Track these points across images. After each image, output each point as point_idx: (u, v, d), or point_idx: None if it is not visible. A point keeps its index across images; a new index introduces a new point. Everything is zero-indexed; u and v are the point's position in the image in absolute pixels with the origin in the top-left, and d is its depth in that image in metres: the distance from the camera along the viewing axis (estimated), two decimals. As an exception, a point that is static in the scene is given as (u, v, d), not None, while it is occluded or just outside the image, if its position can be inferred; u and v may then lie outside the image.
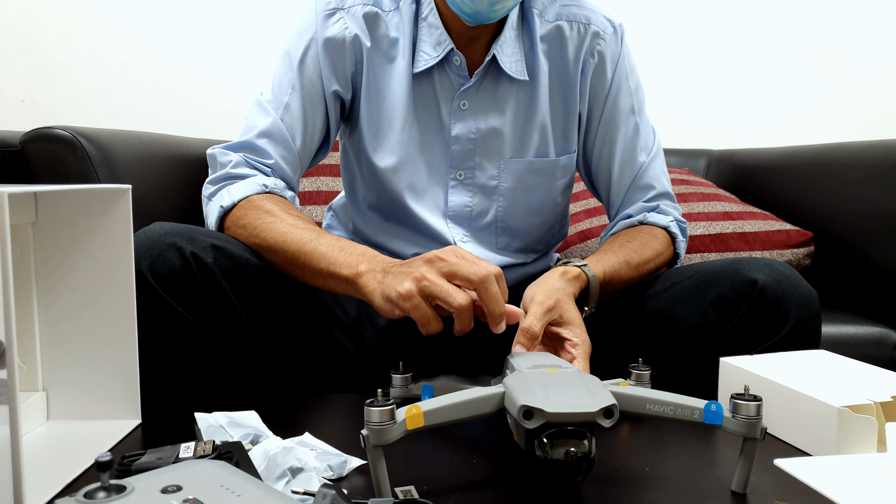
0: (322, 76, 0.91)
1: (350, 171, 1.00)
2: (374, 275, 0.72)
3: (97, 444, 0.61)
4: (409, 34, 0.92)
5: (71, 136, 1.03)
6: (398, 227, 0.97)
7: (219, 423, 0.64)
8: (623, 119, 0.97)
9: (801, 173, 1.42)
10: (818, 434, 0.58)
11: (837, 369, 0.67)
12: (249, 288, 0.78)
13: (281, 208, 0.83)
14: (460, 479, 0.55)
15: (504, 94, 0.93)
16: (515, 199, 0.96)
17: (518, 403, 0.49)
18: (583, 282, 0.80)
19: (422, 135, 0.94)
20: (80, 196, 0.61)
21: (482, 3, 0.82)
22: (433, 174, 0.95)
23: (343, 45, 0.91)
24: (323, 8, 0.92)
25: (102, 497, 0.41)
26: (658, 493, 0.53)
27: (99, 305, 0.64)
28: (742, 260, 0.83)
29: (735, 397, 0.52)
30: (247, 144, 0.89)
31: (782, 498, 0.51)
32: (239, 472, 0.46)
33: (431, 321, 0.67)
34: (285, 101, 0.91)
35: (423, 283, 0.66)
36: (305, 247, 0.78)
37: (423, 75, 0.92)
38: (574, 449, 0.49)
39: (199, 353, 0.75)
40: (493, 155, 0.94)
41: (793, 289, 0.78)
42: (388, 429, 0.49)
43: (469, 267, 0.66)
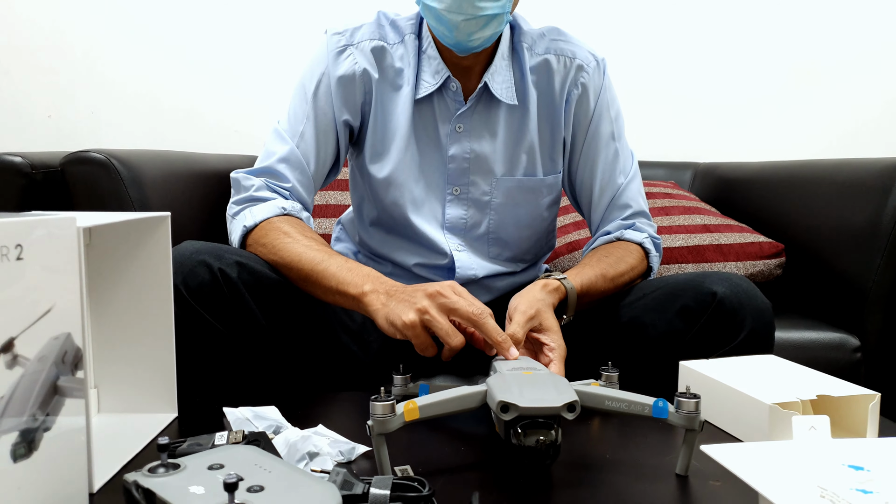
0: (334, 107, 1.02)
1: (358, 191, 1.11)
2: (377, 296, 0.83)
3: (141, 433, 0.71)
4: (412, 64, 1.02)
5: (105, 158, 1.13)
6: (400, 240, 1.07)
7: (245, 416, 0.74)
8: (604, 145, 1.07)
9: (776, 188, 1.52)
10: (753, 426, 0.68)
11: (779, 372, 0.77)
12: (268, 299, 0.89)
13: (297, 230, 0.94)
14: (449, 463, 0.66)
15: (496, 118, 1.03)
16: (506, 213, 1.06)
17: (497, 399, 0.60)
18: (562, 293, 0.90)
19: (421, 154, 1.04)
20: (128, 222, 0.72)
21: (461, 34, 0.92)
22: (431, 189, 1.05)
23: (353, 80, 1.02)
24: (334, 45, 1.02)
25: (162, 472, 0.51)
26: (614, 475, 0.64)
27: (142, 315, 0.75)
28: (705, 274, 0.94)
29: (678, 395, 0.62)
30: (267, 170, 1.00)
31: (716, 479, 0.62)
32: (268, 454, 0.56)
33: (429, 348, 0.78)
34: (300, 129, 1.01)
35: (425, 316, 0.77)
36: (318, 266, 0.89)
37: (424, 101, 1.02)
38: (543, 437, 0.60)
39: (226, 356, 0.86)
40: (486, 173, 1.04)
41: (749, 300, 0.88)
42: (389, 420, 0.60)
43: (468, 307, 0.77)
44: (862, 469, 0.47)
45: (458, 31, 0.92)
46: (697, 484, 0.62)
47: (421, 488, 0.54)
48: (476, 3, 0.89)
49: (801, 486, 0.45)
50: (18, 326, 0.48)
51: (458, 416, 0.66)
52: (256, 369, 0.89)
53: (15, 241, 0.48)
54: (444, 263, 1.05)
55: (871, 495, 0.43)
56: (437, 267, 1.06)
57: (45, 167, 1.15)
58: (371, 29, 1.03)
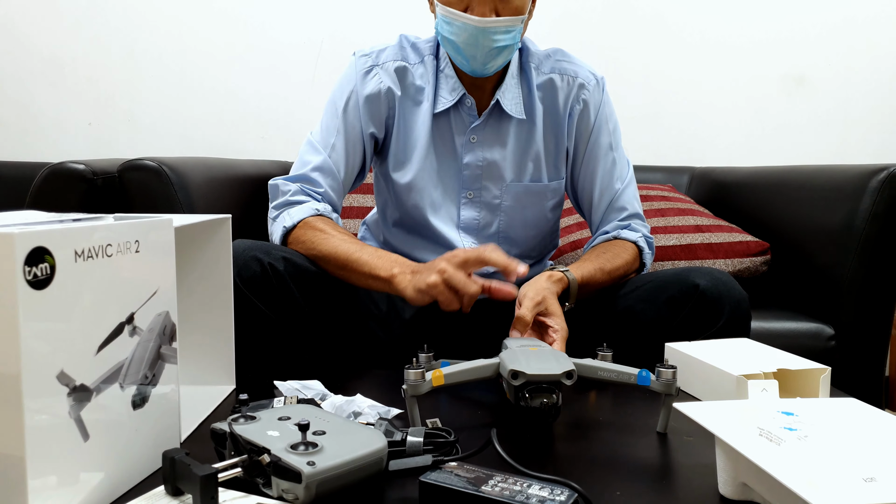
0: (361, 122, 1.15)
1: (382, 195, 1.24)
2: (404, 275, 0.96)
3: (208, 401, 0.85)
4: (431, 82, 1.15)
5: (157, 165, 1.27)
6: (420, 239, 1.21)
7: (294, 387, 0.88)
8: (603, 154, 1.20)
9: (763, 191, 1.64)
10: (723, 394, 0.81)
11: (750, 351, 0.90)
12: (309, 288, 1.02)
13: (331, 227, 1.07)
14: (468, 422, 0.79)
15: (506, 130, 1.17)
16: (514, 214, 1.19)
17: (508, 368, 0.73)
18: (564, 283, 1.03)
19: (439, 162, 1.17)
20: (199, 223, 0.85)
21: (476, 63, 1.07)
22: (448, 193, 1.18)
23: (379, 97, 1.15)
24: (362, 66, 1.16)
25: (243, 422, 0.65)
26: (606, 433, 0.77)
27: (206, 301, 0.88)
28: (690, 269, 1.07)
29: (658, 366, 0.75)
30: (302, 177, 1.13)
31: (689, 435, 0.75)
32: (323, 411, 0.70)
33: (453, 302, 0.90)
34: (332, 142, 1.15)
35: (445, 274, 0.89)
36: (352, 256, 1.02)
37: (442, 115, 1.16)
38: (546, 400, 0.73)
39: (274, 337, 0.99)
40: (496, 179, 1.17)
41: (727, 291, 1.01)
42: (420, 384, 0.73)
43: (473, 251, 0.90)
44: (791, 414, 0.60)
45: (475, 61, 1.06)
46: (674, 439, 0.75)
47: (447, 435, 0.68)
48: (491, 36, 1.03)
49: (745, 428, 0.58)
50: (136, 304, 0.62)
51: (474, 384, 0.79)
52: (300, 349, 1.02)
53: (135, 238, 0.61)
54: None
55: (795, 431, 0.56)
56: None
57: (104, 173, 1.29)
58: (394, 51, 1.17)
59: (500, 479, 0.56)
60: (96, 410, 0.56)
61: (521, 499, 0.53)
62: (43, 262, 0.50)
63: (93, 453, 0.56)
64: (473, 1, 1.02)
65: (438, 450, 0.66)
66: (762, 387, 0.74)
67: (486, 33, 1.03)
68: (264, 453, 0.58)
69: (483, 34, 1.03)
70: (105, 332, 0.58)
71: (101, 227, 0.57)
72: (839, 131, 2.08)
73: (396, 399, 0.81)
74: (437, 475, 0.57)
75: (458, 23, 1.03)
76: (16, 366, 0.49)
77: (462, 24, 1.03)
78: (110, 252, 0.58)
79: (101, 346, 0.57)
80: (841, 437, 0.57)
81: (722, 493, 0.60)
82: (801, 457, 0.53)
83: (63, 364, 0.53)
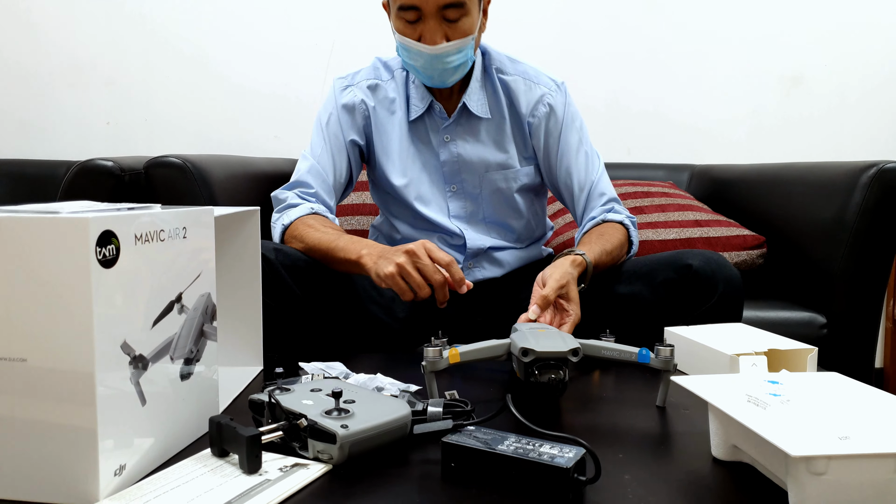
0: (342, 130, 1.27)
1: (379, 198, 1.36)
2: (371, 257, 1.05)
3: (239, 379, 0.92)
4: (403, 94, 1.28)
5: (182, 162, 1.34)
6: (420, 231, 1.31)
7: (318, 367, 0.95)
8: (574, 152, 1.28)
9: (760, 187, 1.70)
10: (719, 372, 0.87)
11: (743, 334, 0.97)
12: (303, 277, 1.11)
13: (319, 223, 1.18)
14: (482, 395, 0.85)
15: (476, 127, 1.27)
16: (495, 202, 1.30)
17: (519, 346, 0.80)
18: (583, 267, 1.10)
19: (422, 161, 1.29)
20: (232, 214, 0.92)
21: (436, 80, 1.19)
22: (435, 188, 1.30)
23: (354, 108, 1.27)
24: (339, 86, 1.29)
25: (279, 393, 0.71)
26: (608, 406, 0.84)
27: (236, 288, 0.95)
28: (684, 251, 1.14)
29: (657, 345, 0.82)
30: (296, 182, 1.25)
31: (686, 408, 0.81)
32: (351, 384, 0.76)
33: (406, 293, 1.00)
34: (319, 151, 1.27)
35: (402, 270, 0.99)
36: (331, 244, 1.12)
37: (417, 120, 1.27)
38: (554, 375, 0.79)
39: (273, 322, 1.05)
40: (473, 172, 1.28)
41: (720, 269, 1.08)
42: (437, 361, 0.80)
43: (431, 264, 0.99)
44: (777, 383, 0.66)
45: (434, 79, 1.19)
46: (672, 411, 0.81)
47: (464, 405, 0.74)
48: (444, 59, 1.14)
49: (735, 395, 0.65)
50: (184, 284, 0.68)
51: (485, 365, 0.85)
52: (298, 333, 1.10)
53: (183, 225, 0.68)
54: (459, 242, 1.30)
55: (779, 397, 0.62)
56: (454, 245, 1.30)
57: (131, 170, 1.36)
58: (368, 71, 1.30)
59: (515, 439, 0.63)
60: (151, 380, 0.63)
61: (534, 456, 0.59)
62: (110, 244, 0.57)
63: (148, 418, 0.63)
64: (425, 31, 1.13)
65: (456, 418, 0.72)
66: (752, 362, 0.81)
67: (439, 58, 1.14)
68: (301, 418, 0.65)
69: (437, 59, 1.14)
70: (159, 309, 0.64)
71: (156, 215, 0.64)
72: (834, 129, 2.15)
73: (411, 378, 0.88)
74: (457, 437, 0.63)
75: (413, 50, 1.14)
76: (89, 334, 0.55)
77: (417, 52, 1.14)
78: (163, 237, 0.64)
79: (156, 321, 0.64)
80: (821, 402, 0.63)
81: (714, 456, 0.67)
82: (783, 418, 0.59)
83: (125, 335, 0.59)
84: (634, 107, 2.16)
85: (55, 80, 2.12)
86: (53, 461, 0.56)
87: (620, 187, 1.81)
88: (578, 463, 0.58)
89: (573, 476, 0.57)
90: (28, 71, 2.12)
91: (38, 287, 0.55)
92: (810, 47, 2.14)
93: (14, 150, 2.11)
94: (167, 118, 2.12)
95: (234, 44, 2.11)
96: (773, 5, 2.13)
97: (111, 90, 2.12)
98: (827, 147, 2.13)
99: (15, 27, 2.11)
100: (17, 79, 2.12)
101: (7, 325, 0.56)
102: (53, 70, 2.11)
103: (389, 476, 0.63)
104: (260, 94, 2.12)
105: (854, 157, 1.90)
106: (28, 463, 0.57)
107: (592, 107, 2.15)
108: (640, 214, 1.68)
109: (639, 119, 2.16)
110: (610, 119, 2.16)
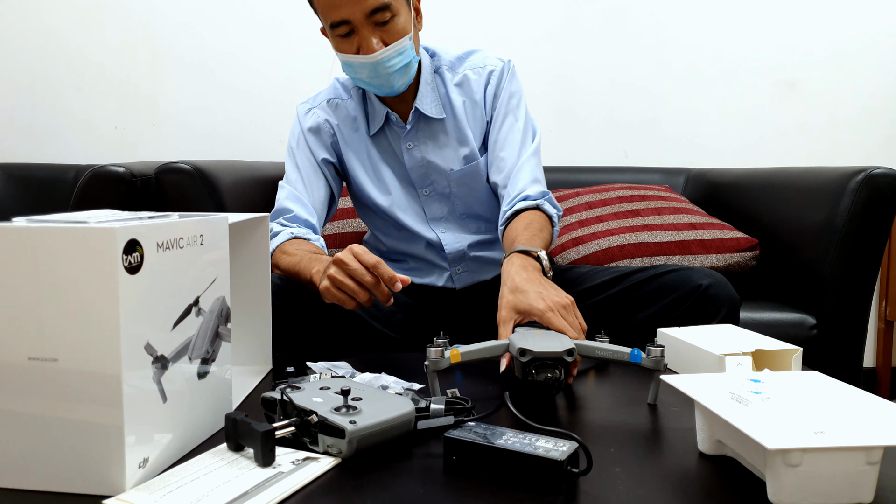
0: (312, 151, 1.32)
1: (363, 212, 1.41)
2: (319, 274, 1.06)
3: (249, 378, 0.96)
4: (361, 111, 1.33)
5: (191, 168, 1.38)
6: (403, 241, 1.37)
7: (325, 367, 0.99)
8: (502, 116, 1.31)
9: (753, 191, 1.75)
10: (708, 371, 0.91)
11: (732, 335, 1.01)
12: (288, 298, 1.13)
13: (294, 247, 1.20)
14: (481, 394, 0.89)
15: (434, 129, 1.32)
16: (466, 197, 1.35)
17: (517, 347, 0.84)
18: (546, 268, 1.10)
19: (393, 171, 1.34)
20: (244, 221, 0.96)
21: (385, 88, 1.22)
22: (408, 195, 1.35)
23: (320, 128, 1.33)
24: (303, 110, 1.35)
25: (290, 391, 0.75)
26: (602, 404, 0.88)
27: (247, 291, 0.99)
28: (693, 270, 1.16)
29: (648, 345, 0.86)
30: (277, 212, 1.29)
31: (676, 406, 0.85)
32: (357, 383, 0.81)
33: (346, 302, 1.01)
34: (294, 178, 1.32)
35: (335, 281, 1.00)
36: (296, 266, 1.14)
37: (378, 133, 1.33)
38: (550, 374, 0.83)
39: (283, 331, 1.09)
40: (440, 172, 1.33)
41: (724, 292, 1.12)
42: (440, 360, 0.84)
43: (360, 267, 0.99)
44: (758, 381, 0.70)
45: (384, 87, 1.23)
46: (663, 409, 0.85)
47: (465, 403, 0.79)
48: (386, 64, 1.18)
49: (719, 393, 0.69)
50: (201, 288, 0.72)
51: (485, 365, 0.90)
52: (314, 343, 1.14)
53: (200, 233, 0.72)
54: (438, 247, 1.35)
55: (759, 395, 0.66)
56: (434, 250, 1.35)
57: (142, 175, 1.40)
58: (327, 92, 1.36)
59: (512, 434, 0.67)
60: (171, 379, 0.67)
61: (530, 450, 0.63)
62: (135, 251, 0.61)
63: (168, 415, 0.67)
64: (360, 41, 1.17)
65: (457, 414, 0.77)
66: (738, 362, 0.85)
67: (381, 64, 1.18)
68: (312, 414, 0.69)
69: (379, 65, 1.18)
70: (178, 312, 0.69)
71: (176, 224, 0.68)
72: (828, 134, 2.19)
73: (414, 377, 0.92)
74: (458, 432, 0.67)
75: (356, 63, 1.19)
76: (116, 336, 0.59)
77: (360, 64, 1.18)
78: (182, 244, 0.69)
79: (176, 323, 0.68)
80: (800, 399, 0.67)
81: (700, 450, 0.71)
82: (762, 414, 0.63)
83: (149, 337, 0.63)
84: (632, 112, 2.20)
85: (64, 85, 2.16)
86: (83, 455, 0.61)
87: (617, 190, 1.85)
88: (572, 456, 0.62)
89: (567, 468, 0.61)
90: (37, 75, 2.16)
91: (68, 292, 0.59)
92: (805, 53, 2.18)
93: (24, 154, 2.15)
94: (174, 122, 2.16)
95: (239, 49, 2.15)
96: (768, 12, 2.17)
97: (119, 95, 2.16)
98: (820, 151, 2.17)
99: (25, 32, 2.15)
100: (26, 83, 2.17)
101: (39, 328, 0.60)
102: (62, 75, 2.16)
103: (395, 469, 0.67)
104: (264, 98, 2.16)
105: (847, 160, 1.95)
106: (60, 456, 0.61)
107: (591, 113, 2.20)
108: (636, 217, 1.72)
109: (636, 124, 2.20)
110: (608, 124, 2.20)
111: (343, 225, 1.75)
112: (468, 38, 2.16)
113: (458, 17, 2.17)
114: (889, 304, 2.21)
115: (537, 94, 2.00)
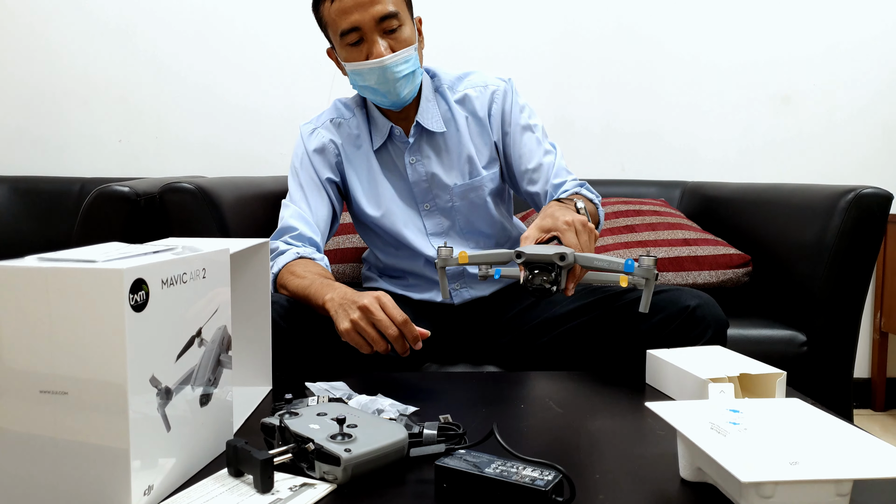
0: (316, 171, 1.35)
1: (362, 230, 1.44)
2: (333, 303, 1.08)
3: (250, 399, 0.99)
4: (365, 128, 1.36)
5: (193, 187, 1.41)
6: (402, 258, 1.39)
7: (323, 388, 1.02)
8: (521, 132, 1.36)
9: (747, 206, 1.77)
10: (692, 394, 0.94)
11: (719, 358, 1.03)
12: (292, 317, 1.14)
13: (302, 268, 1.22)
14: (473, 419, 0.92)
15: (436, 144, 1.36)
16: (467, 212, 1.38)
17: (515, 250, 0.91)
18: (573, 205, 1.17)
19: (395, 187, 1.37)
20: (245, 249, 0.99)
21: (392, 96, 1.26)
22: (410, 210, 1.38)
23: (324, 148, 1.36)
24: (307, 131, 1.38)
25: (289, 417, 0.78)
26: (588, 431, 0.90)
27: (248, 315, 1.02)
28: (682, 291, 1.19)
29: (640, 256, 0.91)
30: (280, 231, 1.31)
31: (661, 430, 0.88)
32: (353, 408, 0.83)
33: (363, 347, 1.04)
34: (297, 196, 1.34)
35: (357, 326, 1.02)
36: (306, 290, 1.16)
37: (382, 149, 1.37)
38: (545, 277, 0.90)
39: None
40: (443, 187, 1.36)
41: (711, 313, 1.14)
42: (448, 258, 0.96)
43: (386, 319, 1.01)
44: (737, 412, 0.73)
45: (391, 94, 1.26)
46: (648, 433, 0.88)
47: (457, 428, 0.82)
48: (394, 69, 1.23)
49: (699, 422, 0.72)
50: (203, 320, 0.76)
51: (478, 388, 0.92)
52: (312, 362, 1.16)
53: (202, 266, 0.75)
54: None
55: (738, 425, 0.69)
56: (433, 267, 1.36)
57: (146, 194, 1.44)
58: (330, 112, 1.39)
59: (500, 462, 0.70)
60: (175, 407, 0.70)
61: (516, 479, 0.66)
62: (141, 290, 0.64)
63: (172, 442, 0.70)
64: (370, 47, 1.22)
65: (449, 440, 0.80)
66: (720, 389, 0.88)
67: (390, 69, 1.22)
68: (309, 442, 0.72)
69: (387, 70, 1.22)
70: (181, 344, 0.72)
71: (180, 260, 0.71)
72: (823, 147, 2.22)
73: (409, 399, 0.95)
74: (449, 460, 0.70)
75: (365, 70, 1.23)
76: (122, 372, 0.62)
77: (369, 70, 1.23)
78: (185, 279, 0.72)
79: (179, 355, 0.71)
80: (777, 429, 0.70)
81: (682, 477, 0.74)
82: (739, 445, 0.66)
83: (153, 370, 0.67)
84: (629, 126, 2.23)
85: (69, 99, 2.19)
86: (91, 483, 0.64)
87: (614, 205, 1.88)
88: (557, 485, 0.65)
89: (551, 497, 0.64)
90: (43, 89, 2.20)
91: (77, 329, 0.62)
92: (800, 68, 2.21)
93: (31, 167, 2.19)
94: (177, 137, 2.20)
95: (241, 63, 2.19)
96: (764, 27, 2.20)
97: (123, 109, 2.19)
98: (815, 165, 2.20)
99: (30, 47, 2.19)
100: (32, 97, 2.20)
101: (50, 363, 0.63)
102: (67, 88, 2.19)
103: (388, 494, 0.70)
104: (267, 112, 2.20)
105: (841, 173, 1.97)
106: (69, 485, 0.64)
107: (588, 126, 2.23)
108: (631, 233, 1.75)
109: (633, 138, 2.23)
110: (605, 138, 2.23)
111: (343, 240, 1.78)
112: (467, 50, 2.19)
113: (457, 29, 2.20)
114: (884, 316, 2.24)
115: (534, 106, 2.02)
